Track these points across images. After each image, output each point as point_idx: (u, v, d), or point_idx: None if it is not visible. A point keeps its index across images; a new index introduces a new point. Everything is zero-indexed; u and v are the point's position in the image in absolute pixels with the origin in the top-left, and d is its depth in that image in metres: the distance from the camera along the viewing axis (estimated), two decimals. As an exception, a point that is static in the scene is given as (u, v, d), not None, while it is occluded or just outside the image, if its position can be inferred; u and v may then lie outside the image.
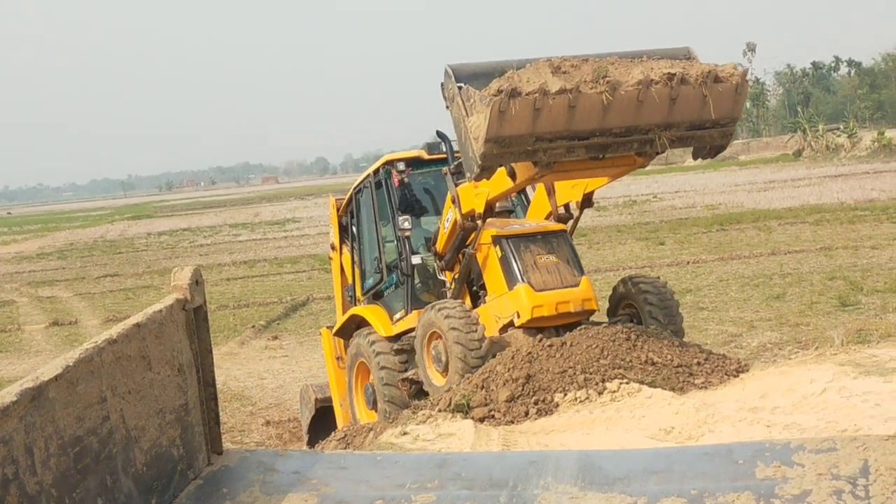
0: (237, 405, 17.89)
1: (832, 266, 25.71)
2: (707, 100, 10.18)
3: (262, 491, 4.61)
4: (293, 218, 77.21)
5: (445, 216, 12.17)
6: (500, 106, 9.62)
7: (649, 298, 12.21)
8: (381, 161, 13.79)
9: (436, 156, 13.43)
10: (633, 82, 9.96)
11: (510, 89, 9.64)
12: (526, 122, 9.79)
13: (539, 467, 4.76)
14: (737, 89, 10.36)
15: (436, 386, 11.69)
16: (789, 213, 41.08)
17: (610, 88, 9.83)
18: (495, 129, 9.75)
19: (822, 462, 4.42)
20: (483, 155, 9.93)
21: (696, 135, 10.57)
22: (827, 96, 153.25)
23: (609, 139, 10.26)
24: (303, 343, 23.63)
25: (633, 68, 10.14)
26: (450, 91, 10.35)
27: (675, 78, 10.03)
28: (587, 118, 9.97)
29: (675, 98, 10.09)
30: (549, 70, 9.94)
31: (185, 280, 4.83)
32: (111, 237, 75.78)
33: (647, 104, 10.03)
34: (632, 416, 9.83)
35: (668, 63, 10.26)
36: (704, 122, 10.37)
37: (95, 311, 31.59)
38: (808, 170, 74.11)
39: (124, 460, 4.09)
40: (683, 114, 10.28)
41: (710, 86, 10.18)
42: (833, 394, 9.36)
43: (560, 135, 10.03)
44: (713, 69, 10.26)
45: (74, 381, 3.77)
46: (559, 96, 9.75)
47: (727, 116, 10.48)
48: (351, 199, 14.59)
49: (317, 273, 36.26)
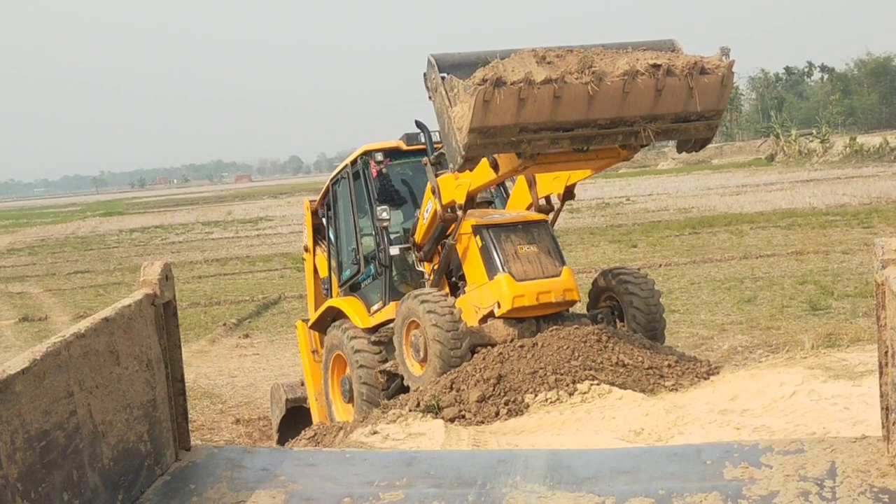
0: (207, 403, 17.82)
1: (803, 270, 25.83)
2: (693, 92, 10.16)
3: (230, 487, 4.59)
4: (266, 216, 77.08)
5: (425, 207, 12.11)
6: (484, 95, 9.55)
7: (630, 289, 12.18)
8: (359, 151, 13.69)
9: (414, 146, 13.34)
10: (618, 73, 9.91)
11: (495, 78, 9.56)
12: (510, 113, 9.72)
13: (508, 466, 4.76)
14: (722, 81, 10.35)
15: (414, 376, 11.65)
16: (761, 217, 41.23)
17: (595, 79, 9.77)
18: (479, 119, 9.67)
19: (789, 463, 4.43)
20: (467, 145, 9.85)
21: (681, 127, 10.54)
22: (800, 101, 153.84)
23: (594, 131, 10.22)
24: (274, 341, 23.58)
25: (618, 59, 10.07)
26: (433, 81, 10.24)
27: (661, 69, 10.00)
28: (572, 109, 9.91)
29: (660, 90, 10.06)
30: (533, 60, 9.86)
31: (154, 275, 4.80)
32: (83, 234, 75.41)
33: (632, 95, 9.99)
34: (602, 418, 9.85)
35: (654, 54, 10.21)
36: (690, 114, 10.35)
37: (66, 307, 31.44)
38: (781, 174, 74.39)
39: (91, 455, 4.06)
40: (669, 106, 10.25)
41: (696, 77, 10.16)
42: (802, 397, 9.41)
43: (545, 126, 9.96)
44: (699, 61, 10.23)
45: (41, 375, 3.75)
46: (544, 86, 9.68)
47: (713, 109, 10.47)
48: (328, 189, 14.50)
49: (289, 272, 36.20)
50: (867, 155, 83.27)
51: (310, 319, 15.15)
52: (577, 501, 4.29)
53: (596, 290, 12.67)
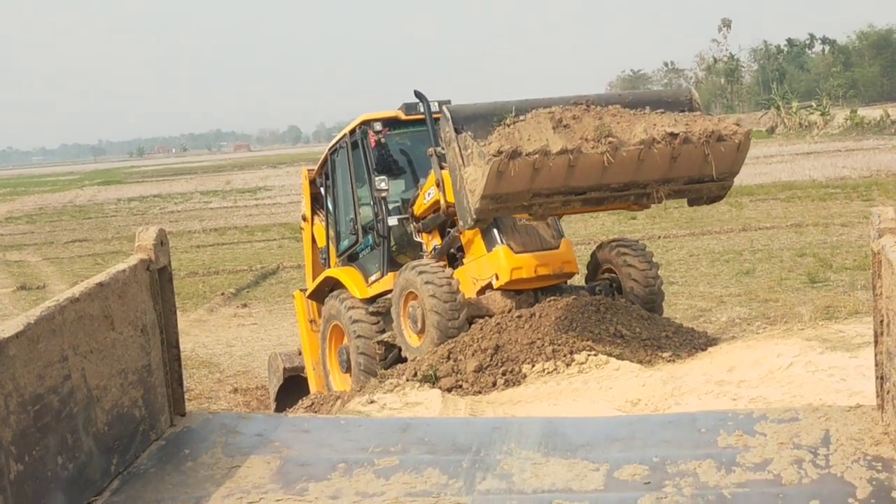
0: (205, 372, 17.83)
1: (802, 243, 25.83)
2: (709, 157, 10.26)
3: (225, 453, 4.59)
4: (265, 186, 76.96)
5: (427, 188, 12.02)
6: (499, 167, 9.64)
7: (629, 261, 12.18)
8: (358, 121, 13.59)
9: (413, 116, 13.29)
10: (635, 141, 9.99)
11: (511, 151, 9.64)
12: (524, 181, 9.84)
13: (503, 433, 4.76)
14: (739, 147, 10.46)
15: (412, 347, 11.65)
16: (761, 189, 41.20)
17: (612, 149, 9.86)
18: (493, 188, 9.79)
19: (783, 431, 4.44)
20: (478, 210, 9.98)
21: (693, 188, 10.69)
22: (801, 74, 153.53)
23: (606, 193, 10.36)
24: (272, 311, 23.58)
25: (635, 124, 10.12)
26: (447, 134, 10.33)
27: (678, 138, 10.07)
28: (586, 176, 10.04)
29: (676, 157, 10.16)
30: (550, 124, 9.92)
31: (149, 240, 4.79)
32: (81, 202, 75.32)
33: (647, 162, 10.09)
34: (599, 388, 9.87)
35: (672, 119, 10.25)
36: (704, 177, 10.46)
37: (64, 275, 31.42)
38: (781, 147, 74.27)
39: (85, 419, 4.06)
40: (683, 170, 10.37)
41: (713, 144, 10.24)
42: (799, 368, 9.42)
43: (557, 190, 10.10)
44: (716, 129, 10.30)
45: (35, 339, 3.74)
46: (560, 156, 9.78)
47: (727, 172, 10.60)
48: (326, 159, 14.44)
49: (287, 242, 36.18)
50: (868, 127, 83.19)
51: (308, 289, 15.14)
52: (572, 468, 4.29)
53: (594, 262, 12.65)
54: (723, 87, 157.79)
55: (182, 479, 4.38)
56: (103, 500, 4.10)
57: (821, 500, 3.82)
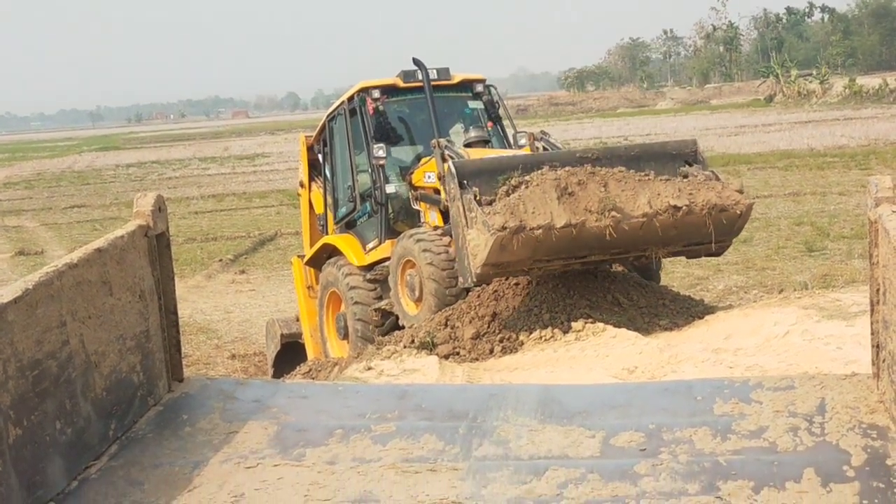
0: (203, 338, 17.85)
1: (800, 211, 25.81)
2: (709, 228, 10.53)
3: (223, 418, 4.62)
4: (263, 153, 76.80)
5: (427, 170, 11.91)
6: (502, 241, 9.86)
7: None
8: (356, 88, 13.45)
9: (412, 83, 13.20)
10: (638, 214, 10.22)
11: (515, 227, 9.85)
12: (527, 252, 10.13)
13: (499, 400, 4.79)
14: (740, 216, 10.74)
15: (409, 315, 11.65)
16: (759, 157, 41.13)
17: (615, 223, 10.08)
18: (495, 258, 10.06)
19: (779, 399, 4.47)
20: (479, 275, 10.29)
21: (692, 249, 11.13)
22: (800, 42, 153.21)
23: (606, 256, 10.74)
24: (270, 277, 23.58)
25: (639, 193, 10.32)
26: (451, 191, 10.46)
27: (680, 210, 10.32)
28: (588, 245, 10.35)
29: (677, 226, 10.43)
30: (554, 194, 10.07)
31: (147, 206, 4.79)
32: (79, 168, 75.18)
33: (649, 231, 10.36)
34: (596, 356, 9.88)
35: (675, 189, 10.45)
36: (704, 240, 10.72)
37: (62, 241, 31.41)
38: (779, 115, 74.11)
39: (83, 385, 4.08)
40: (684, 237, 10.69)
41: (715, 215, 10.49)
42: (796, 336, 9.43)
43: (558, 256, 10.42)
44: (719, 202, 10.51)
45: (33, 305, 3.75)
46: (563, 229, 10.01)
47: (727, 236, 10.92)
48: (324, 126, 14.33)
49: (285, 208, 36.14)
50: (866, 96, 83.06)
51: (305, 256, 15.13)
52: (568, 435, 4.32)
53: None
54: (721, 56, 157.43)
55: (180, 444, 4.40)
56: (101, 464, 4.13)
57: (815, 468, 3.84)
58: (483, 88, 13.67)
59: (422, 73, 13.09)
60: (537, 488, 3.91)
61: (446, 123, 13.30)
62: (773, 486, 3.76)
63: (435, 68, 13.23)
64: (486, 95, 13.62)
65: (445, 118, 13.32)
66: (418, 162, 12.80)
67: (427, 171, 11.99)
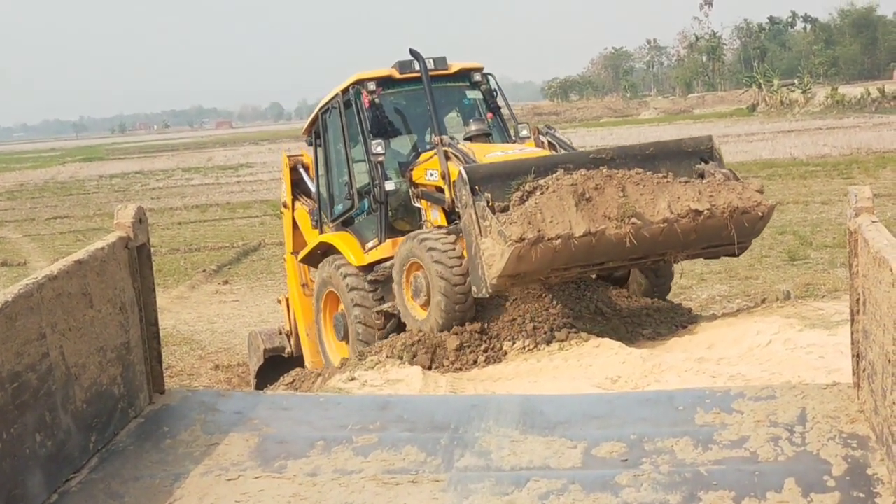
0: (186, 349, 17.78)
1: (783, 221, 25.83)
2: (731, 231, 10.40)
3: (204, 430, 4.60)
4: (247, 163, 76.62)
5: (429, 167, 11.74)
6: (520, 252, 9.63)
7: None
8: (351, 80, 13.01)
9: (408, 74, 12.90)
10: (658, 219, 10.03)
11: (534, 238, 9.63)
12: (545, 262, 9.89)
13: (481, 410, 4.79)
14: (762, 218, 10.65)
15: (417, 320, 11.31)
16: (742, 167, 41.00)
17: (635, 230, 9.90)
18: (512, 269, 9.80)
19: (760, 409, 4.47)
20: (495, 286, 10.02)
21: (711, 251, 10.99)
22: (782, 52, 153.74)
23: (624, 263, 10.57)
24: (253, 288, 23.51)
25: (659, 197, 10.13)
26: (463, 199, 10.22)
27: (702, 214, 10.17)
28: (607, 252, 10.12)
29: (698, 230, 10.26)
30: (572, 200, 9.87)
31: (128, 218, 4.78)
32: (62, 179, 74.93)
33: (670, 235, 10.17)
34: (579, 365, 9.89)
35: (696, 192, 10.29)
36: (724, 241, 10.59)
37: (45, 252, 31.28)
38: (762, 125, 74.23)
39: (64, 397, 4.06)
40: (704, 240, 10.51)
41: (737, 217, 10.34)
42: (778, 346, 9.47)
43: (576, 265, 10.21)
44: (741, 204, 10.38)
45: (13, 317, 3.74)
46: (583, 238, 9.82)
47: (748, 237, 10.83)
48: (316, 118, 13.89)
49: (269, 219, 36.05)
50: (848, 106, 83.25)
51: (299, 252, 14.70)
52: (550, 446, 4.32)
53: None
54: (704, 65, 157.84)
55: (161, 456, 4.38)
56: (81, 477, 4.11)
57: (796, 478, 3.85)
58: (481, 77, 13.41)
59: (419, 64, 12.84)
60: (519, 499, 3.91)
61: (443, 114, 13.07)
62: (753, 497, 3.77)
63: (431, 58, 12.98)
64: (484, 84, 13.38)
65: (442, 108, 13.07)
66: (416, 155, 12.56)
67: (429, 169, 11.76)
